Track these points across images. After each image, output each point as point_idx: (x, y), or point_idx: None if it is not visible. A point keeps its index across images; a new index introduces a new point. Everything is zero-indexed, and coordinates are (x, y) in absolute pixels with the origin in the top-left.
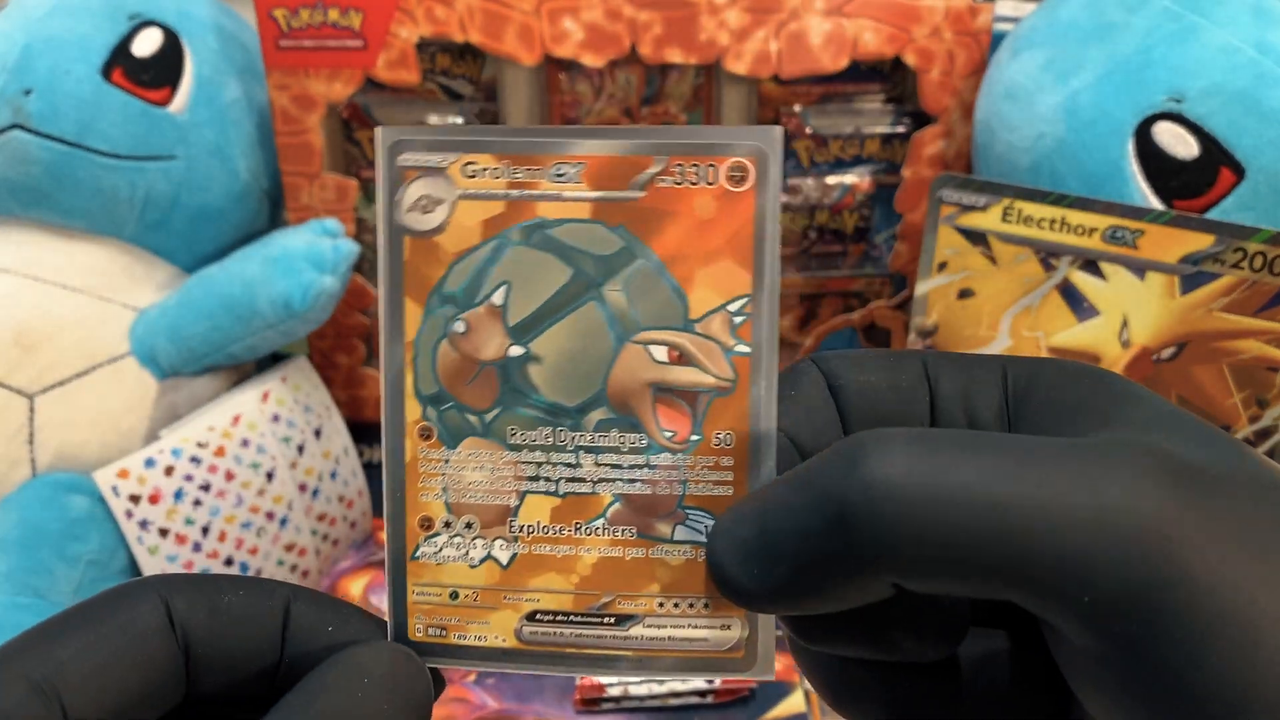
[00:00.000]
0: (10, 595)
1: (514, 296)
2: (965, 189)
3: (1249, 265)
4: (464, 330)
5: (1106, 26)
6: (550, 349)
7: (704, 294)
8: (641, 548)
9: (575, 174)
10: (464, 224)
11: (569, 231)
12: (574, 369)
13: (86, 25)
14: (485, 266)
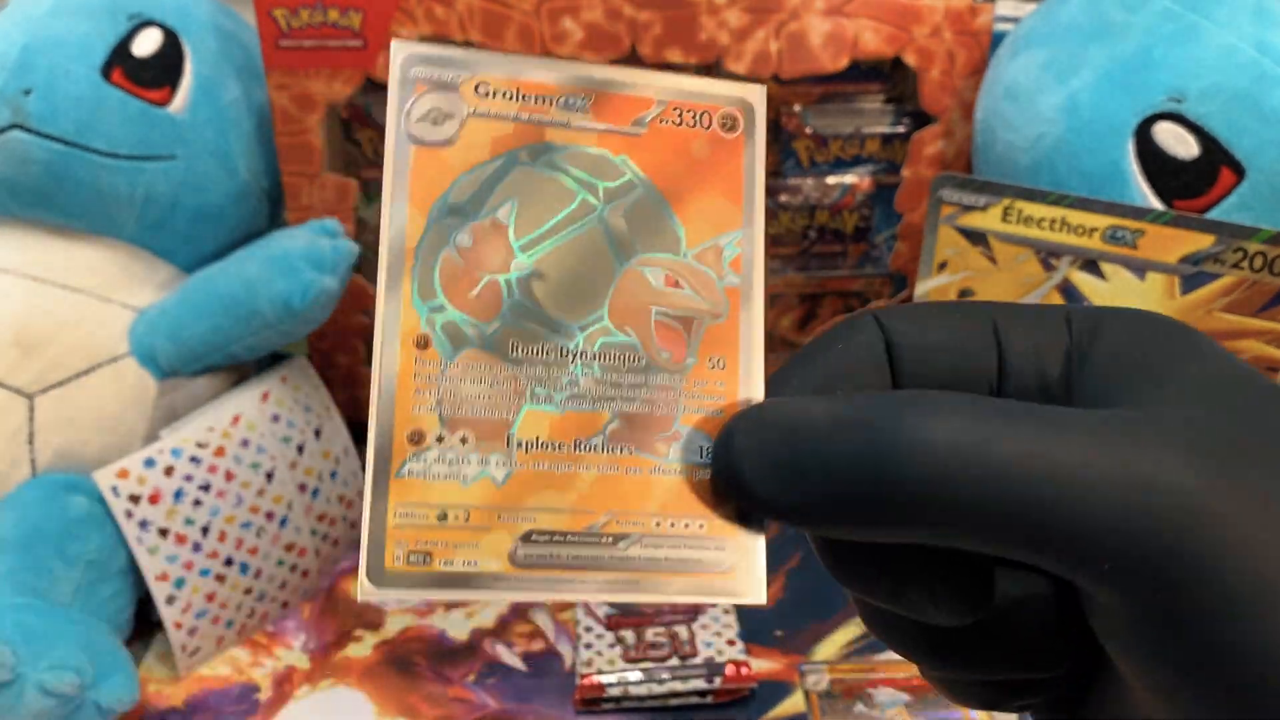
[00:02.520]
0: (10, 595)
1: (520, 214)
2: (965, 189)
3: (1249, 265)
4: (469, 242)
5: (1106, 26)
6: (554, 267)
7: (699, 227)
8: (640, 466)
9: (583, 105)
10: (473, 140)
11: (575, 157)
12: (577, 287)
13: (86, 25)
14: (492, 183)
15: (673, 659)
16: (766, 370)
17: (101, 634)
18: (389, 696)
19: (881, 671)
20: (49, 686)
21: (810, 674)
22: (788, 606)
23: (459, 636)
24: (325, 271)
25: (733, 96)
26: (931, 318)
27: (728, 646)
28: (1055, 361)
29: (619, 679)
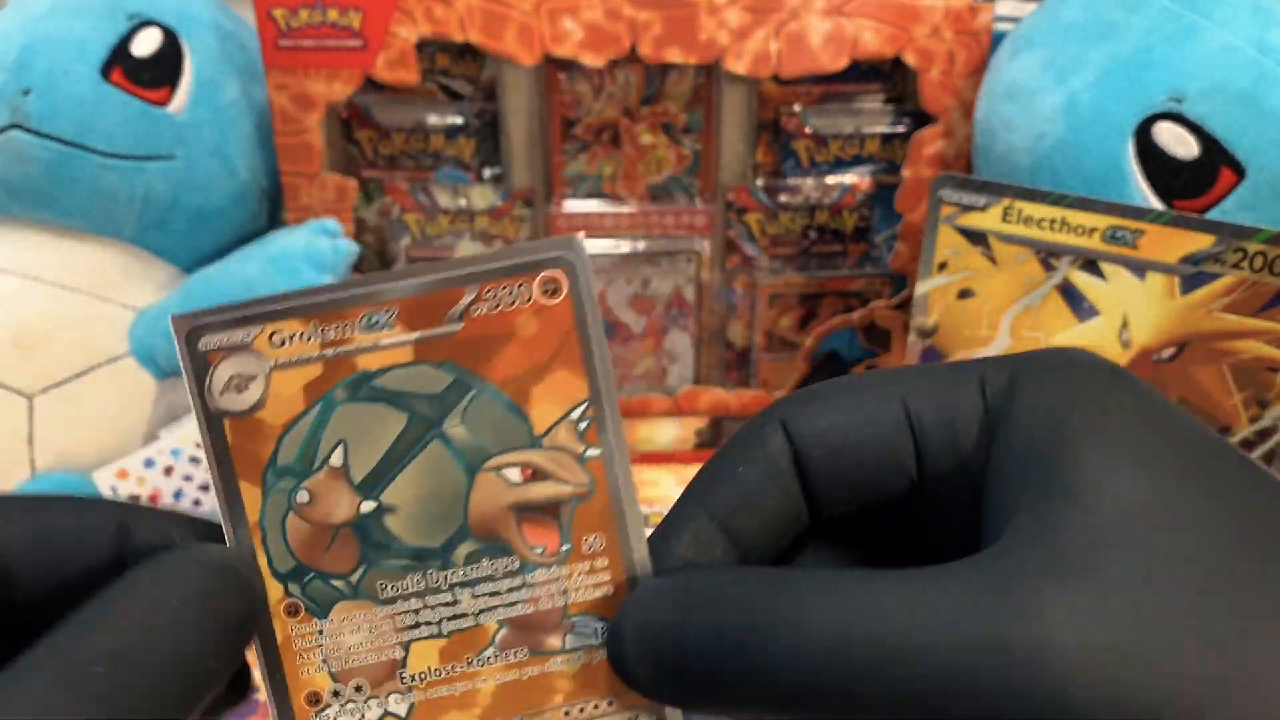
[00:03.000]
0: None
1: (353, 454)
2: (965, 189)
3: (1249, 265)
4: (308, 499)
5: (1106, 26)
6: (403, 496)
7: (544, 408)
8: (536, 665)
9: (388, 320)
10: (283, 394)
11: (395, 378)
12: (431, 510)
13: (85, 25)
14: (316, 431)
15: None
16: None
17: None
18: None
19: None
20: None
21: None
22: None
23: None
24: (325, 271)
25: (548, 258)
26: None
27: None
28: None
29: None
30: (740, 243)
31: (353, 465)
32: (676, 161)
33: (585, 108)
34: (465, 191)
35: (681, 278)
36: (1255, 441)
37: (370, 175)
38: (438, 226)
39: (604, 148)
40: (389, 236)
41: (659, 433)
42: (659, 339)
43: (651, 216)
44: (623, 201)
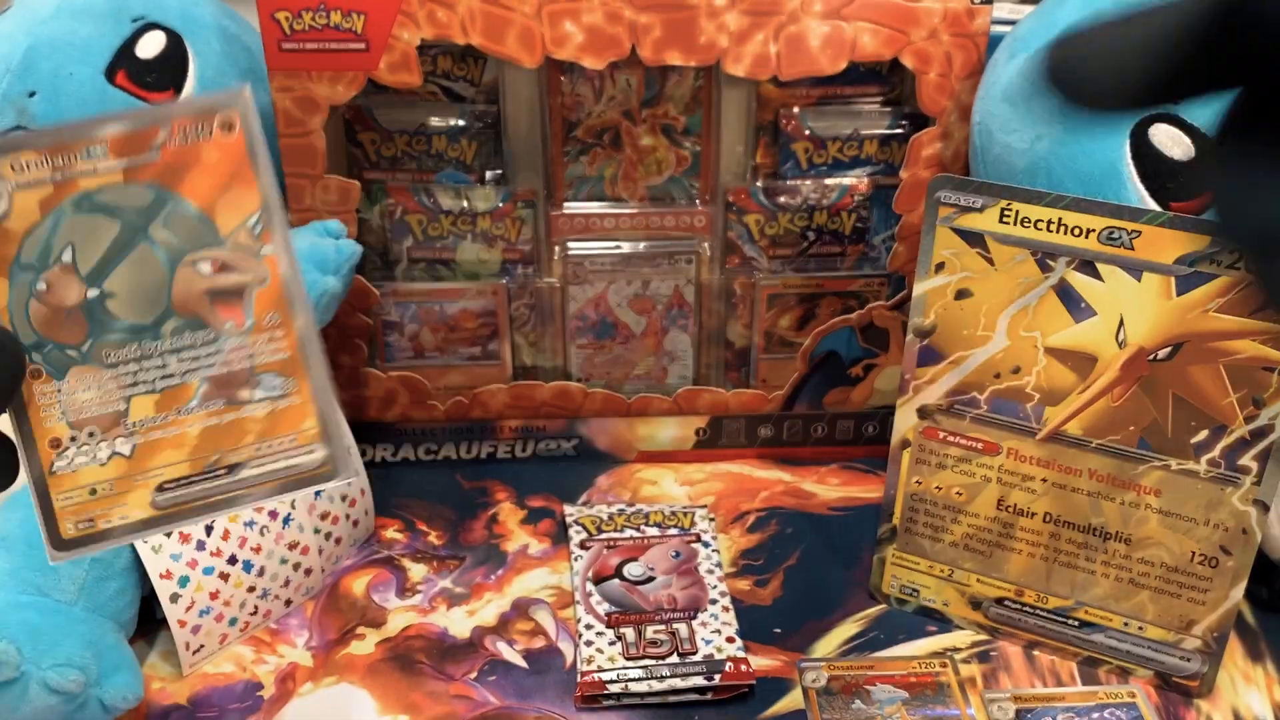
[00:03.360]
0: (14, 593)
1: (79, 253)
2: (963, 190)
3: (1245, 266)
4: (45, 288)
5: None
6: (120, 285)
7: (227, 216)
8: (232, 412)
9: (102, 151)
10: (24, 208)
11: (109, 195)
12: (142, 295)
13: (90, 28)
14: (50, 236)
15: (673, 656)
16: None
17: (106, 632)
18: (391, 694)
19: (879, 669)
20: (53, 684)
21: (809, 671)
22: (786, 604)
23: (460, 634)
24: (329, 272)
25: (223, 101)
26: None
27: (727, 644)
28: None
29: (619, 676)
30: (740, 243)
31: (79, 262)
32: (676, 163)
33: (586, 110)
34: (467, 193)
35: (681, 278)
36: (1251, 440)
37: (373, 177)
38: (440, 228)
39: (605, 149)
40: (391, 238)
41: (659, 432)
42: (659, 339)
43: (652, 218)
44: (623, 203)
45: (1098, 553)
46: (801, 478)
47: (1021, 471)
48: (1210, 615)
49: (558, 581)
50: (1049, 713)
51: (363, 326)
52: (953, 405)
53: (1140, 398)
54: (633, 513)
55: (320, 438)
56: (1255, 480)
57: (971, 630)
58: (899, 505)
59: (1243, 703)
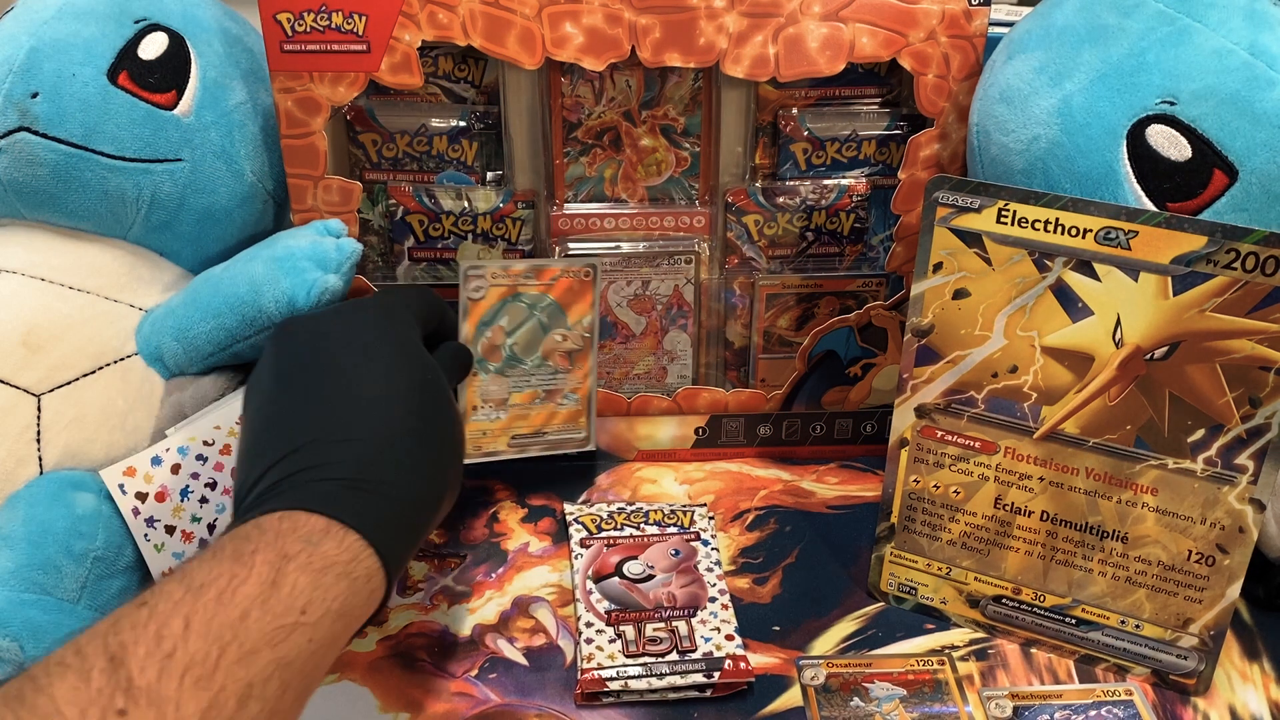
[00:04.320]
0: (17, 591)
1: (506, 322)
2: (960, 191)
3: (1241, 266)
4: (489, 335)
5: (1100, 30)
6: (520, 339)
7: (575, 315)
8: (551, 408)
9: (531, 276)
10: (492, 295)
11: (527, 296)
12: (529, 346)
13: (93, 29)
14: (497, 310)
15: (672, 654)
16: (764, 369)
17: None
18: (392, 691)
19: (877, 666)
20: None
21: (807, 669)
22: (785, 602)
23: (461, 632)
24: (330, 270)
25: (589, 263)
26: None
27: (726, 641)
28: None
29: (619, 674)
30: (739, 244)
31: (506, 325)
32: (676, 164)
33: (587, 110)
34: (468, 194)
35: (681, 278)
36: (1248, 439)
37: (374, 178)
38: (440, 228)
39: (605, 150)
40: (392, 238)
41: (659, 431)
42: (659, 339)
43: (651, 218)
44: (623, 203)
45: (1095, 551)
46: (800, 476)
47: (1019, 470)
48: (1207, 613)
49: (558, 579)
50: (1046, 710)
51: None
52: (950, 404)
53: (1137, 397)
54: (633, 511)
55: (586, 427)
56: (1252, 479)
57: (969, 628)
58: (897, 504)
59: (1239, 700)
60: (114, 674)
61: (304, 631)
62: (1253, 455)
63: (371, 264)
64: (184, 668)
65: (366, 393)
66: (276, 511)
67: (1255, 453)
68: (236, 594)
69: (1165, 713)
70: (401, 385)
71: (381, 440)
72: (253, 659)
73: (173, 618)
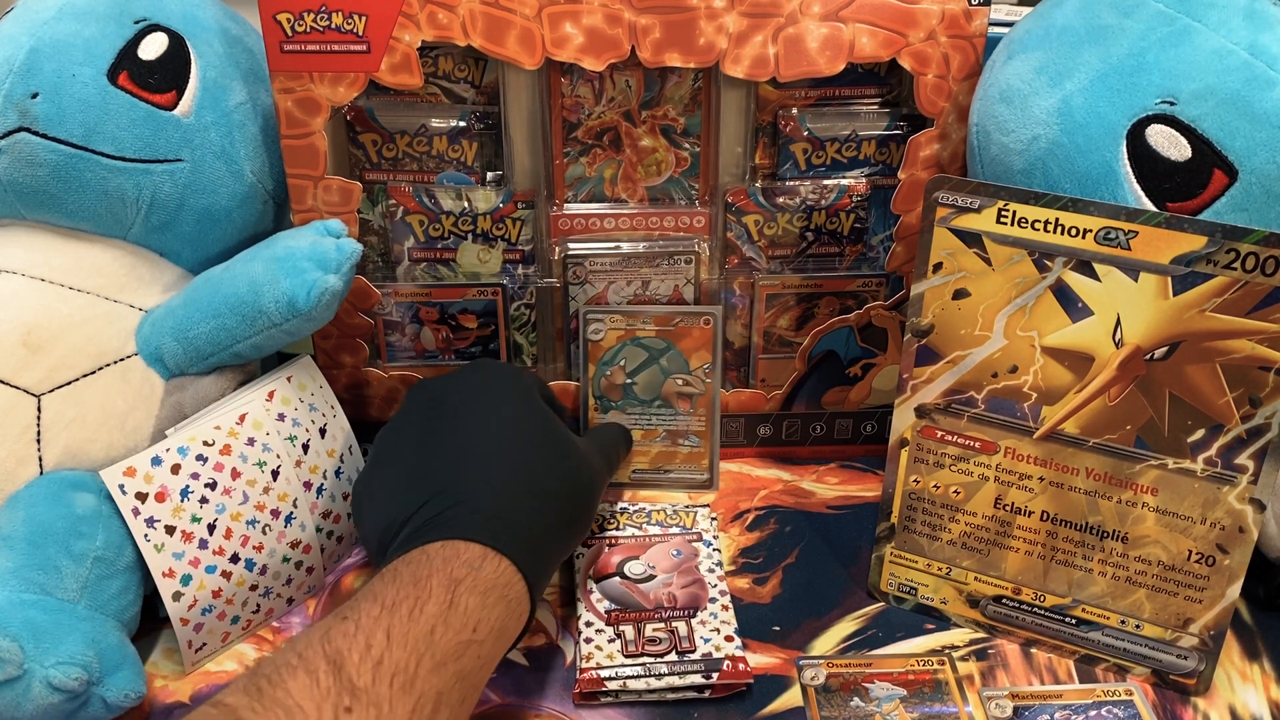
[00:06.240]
0: (17, 592)
1: (627, 362)
2: (960, 191)
3: (1241, 266)
4: (609, 374)
5: (1100, 30)
6: (640, 380)
7: (695, 360)
8: (673, 446)
9: (648, 321)
10: (609, 338)
11: (646, 340)
12: (649, 387)
13: (93, 29)
14: (617, 352)
15: (671, 654)
16: (764, 369)
17: (108, 630)
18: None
19: (877, 666)
20: (56, 682)
21: (807, 669)
22: (785, 602)
23: None
24: (330, 270)
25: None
26: None
27: (725, 643)
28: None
29: (617, 673)
30: (739, 244)
31: (626, 365)
32: (676, 164)
33: (587, 110)
34: (468, 194)
35: (681, 278)
36: (1248, 439)
37: (374, 178)
38: (440, 228)
39: (604, 150)
40: (392, 238)
41: None
42: None
43: (651, 218)
44: (623, 203)
45: (1095, 551)
46: (800, 476)
47: (1019, 470)
48: (1207, 613)
49: (558, 580)
50: (1046, 710)
51: (364, 326)
52: (950, 404)
53: (1137, 397)
54: (634, 511)
55: (709, 470)
56: (1252, 479)
57: (969, 628)
58: (897, 504)
59: (1239, 700)
60: (338, 676)
61: (476, 648)
62: (1253, 455)
63: (371, 264)
64: (391, 674)
65: (498, 441)
66: (437, 541)
67: (1255, 453)
68: (424, 612)
69: (1165, 713)
70: (526, 433)
71: (516, 481)
72: (442, 669)
73: (376, 630)
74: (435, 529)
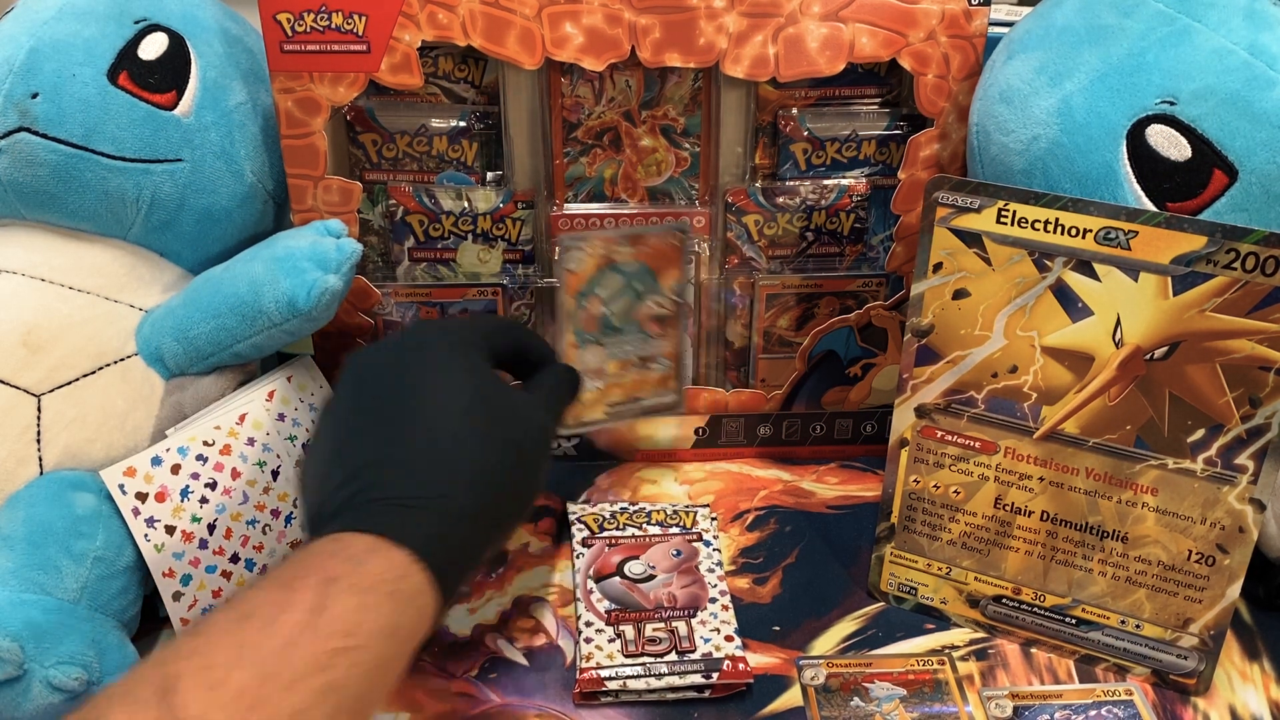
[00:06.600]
0: (17, 592)
1: (602, 290)
2: (960, 191)
3: (1241, 266)
4: (586, 305)
5: (1100, 30)
6: (615, 307)
7: (665, 279)
8: (646, 373)
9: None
10: (586, 267)
11: (623, 264)
12: (624, 314)
13: (93, 29)
14: (594, 281)
15: (671, 654)
16: (764, 369)
17: (108, 630)
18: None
19: (877, 666)
20: (56, 682)
21: (807, 669)
22: (785, 602)
23: (462, 632)
24: (330, 270)
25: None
26: None
27: (725, 643)
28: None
29: (617, 673)
30: (739, 244)
31: (602, 295)
32: (676, 164)
33: (586, 111)
34: (468, 194)
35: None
36: (1248, 439)
37: (374, 178)
38: (440, 228)
39: (604, 150)
40: (392, 238)
41: (659, 432)
42: None
43: (651, 218)
44: (623, 203)
45: (1095, 551)
46: (800, 476)
47: (1019, 470)
48: (1207, 613)
49: (558, 580)
50: (1046, 710)
51: (365, 326)
52: (950, 404)
53: (1137, 397)
54: (635, 511)
55: (677, 390)
56: (1252, 479)
57: (969, 628)
58: (897, 504)
59: (1239, 700)
60: (163, 705)
61: (353, 654)
62: (1253, 455)
63: (371, 264)
64: (231, 697)
65: (425, 417)
66: (329, 535)
67: (1255, 453)
68: (280, 622)
69: (1165, 713)
70: (460, 407)
71: (437, 460)
72: (299, 686)
73: (219, 648)
74: (333, 521)
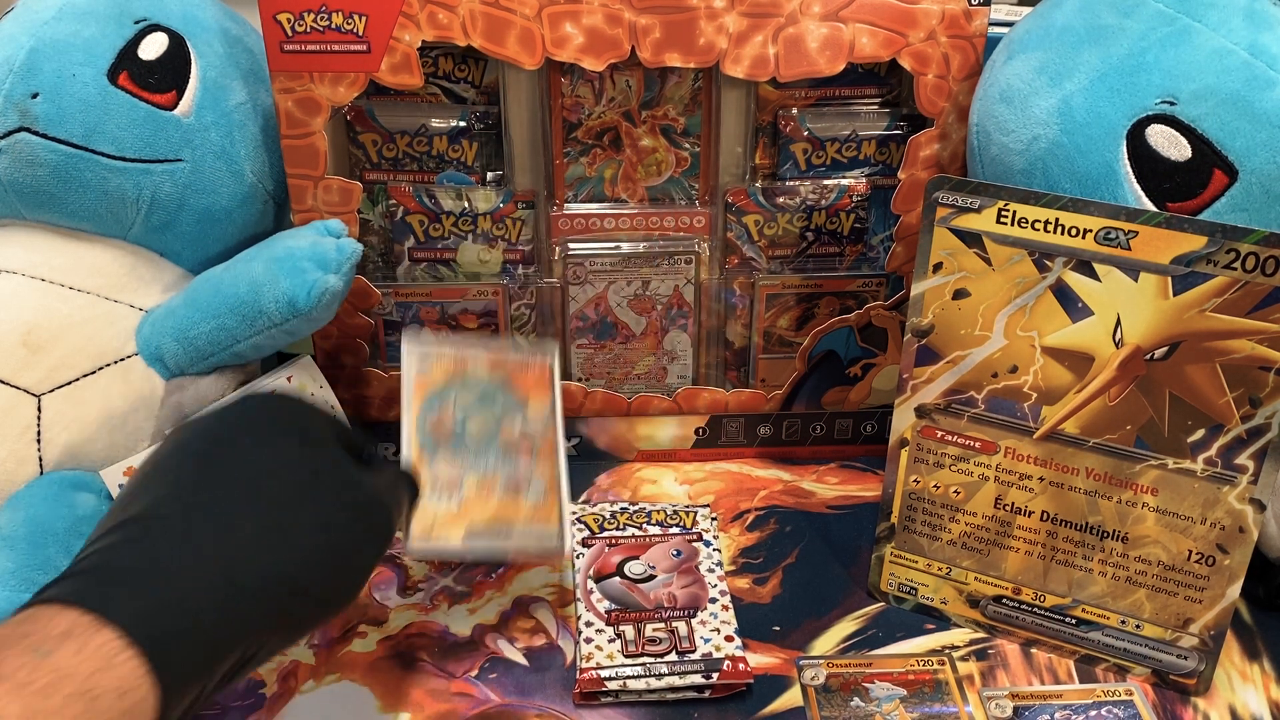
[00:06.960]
0: (17, 592)
1: (458, 402)
2: (960, 191)
3: (1241, 266)
4: (436, 415)
5: (1100, 30)
6: (473, 424)
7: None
8: (515, 501)
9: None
10: (435, 377)
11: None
12: (484, 430)
13: (93, 29)
14: (445, 392)
15: (671, 654)
16: (764, 369)
17: None
18: (392, 691)
19: (877, 666)
20: None
21: (807, 669)
22: (785, 602)
23: (462, 632)
24: (330, 270)
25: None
26: None
27: (725, 643)
28: None
29: (617, 673)
30: (739, 244)
31: (456, 406)
32: (676, 164)
33: (587, 110)
34: (468, 194)
35: (681, 278)
36: (1248, 439)
37: (374, 178)
38: (440, 228)
39: (605, 150)
40: (392, 238)
41: (659, 431)
42: (659, 339)
43: (651, 218)
44: (623, 203)
45: (1095, 551)
46: (800, 476)
47: (1019, 470)
48: (1207, 613)
49: (558, 579)
50: (1046, 710)
51: (365, 326)
52: (950, 404)
53: (1137, 397)
54: (635, 511)
55: (558, 529)
56: (1252, 479)
57: (969, 628)
58: (897, 504)
59: (1239, 700)
60: None
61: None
62: (1253, 455)
63: (371, 264)
64: None
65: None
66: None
67: (1255, 453)
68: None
69: (1165, 713)
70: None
71: (195, 524)
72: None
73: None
74: (50, 587)
